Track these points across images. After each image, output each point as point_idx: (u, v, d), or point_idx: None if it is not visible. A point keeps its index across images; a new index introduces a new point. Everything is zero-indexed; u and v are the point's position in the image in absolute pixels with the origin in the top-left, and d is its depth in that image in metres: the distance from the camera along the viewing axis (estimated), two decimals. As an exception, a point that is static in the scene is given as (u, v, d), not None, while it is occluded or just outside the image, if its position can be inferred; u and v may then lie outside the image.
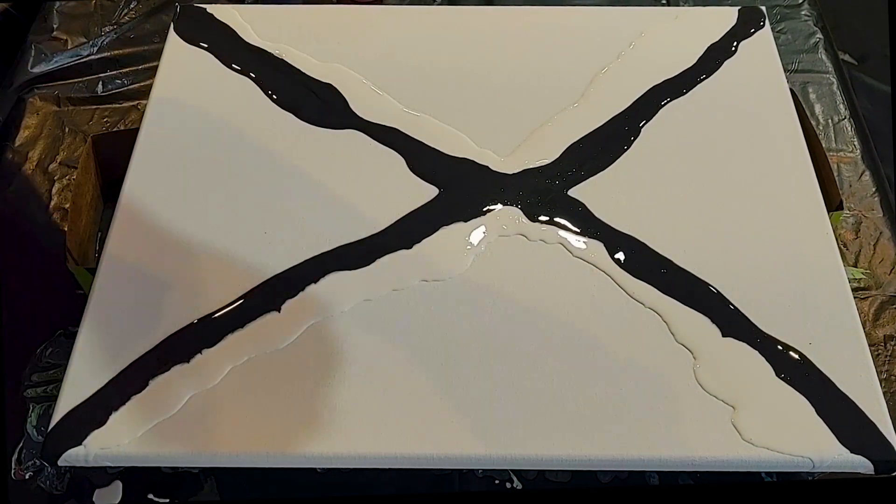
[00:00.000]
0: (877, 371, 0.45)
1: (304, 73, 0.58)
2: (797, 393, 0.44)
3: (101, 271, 0.48)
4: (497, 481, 0.48)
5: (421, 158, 0.54)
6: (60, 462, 0.42)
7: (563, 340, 0.45)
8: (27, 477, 0.48)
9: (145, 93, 0.61)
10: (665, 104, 0.57)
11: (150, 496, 0.47)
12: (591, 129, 0.55)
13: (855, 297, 0.48)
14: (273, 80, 0.58)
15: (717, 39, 0.60)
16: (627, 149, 0.54)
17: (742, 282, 0.48)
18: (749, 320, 0.46)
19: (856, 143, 0.64)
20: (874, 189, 0.61)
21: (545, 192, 0.52)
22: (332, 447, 0.42)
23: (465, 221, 0.50)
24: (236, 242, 0.49)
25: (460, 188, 0.52)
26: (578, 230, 0.50)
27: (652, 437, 0.42)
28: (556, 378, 0.44)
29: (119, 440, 0.42)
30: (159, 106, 0.56)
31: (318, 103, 0.56)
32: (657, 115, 0.56)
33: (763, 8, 0.62)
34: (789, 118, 0.56)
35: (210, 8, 0.62)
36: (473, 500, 0.48)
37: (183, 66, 0.58)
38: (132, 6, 0.72)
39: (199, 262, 0.48)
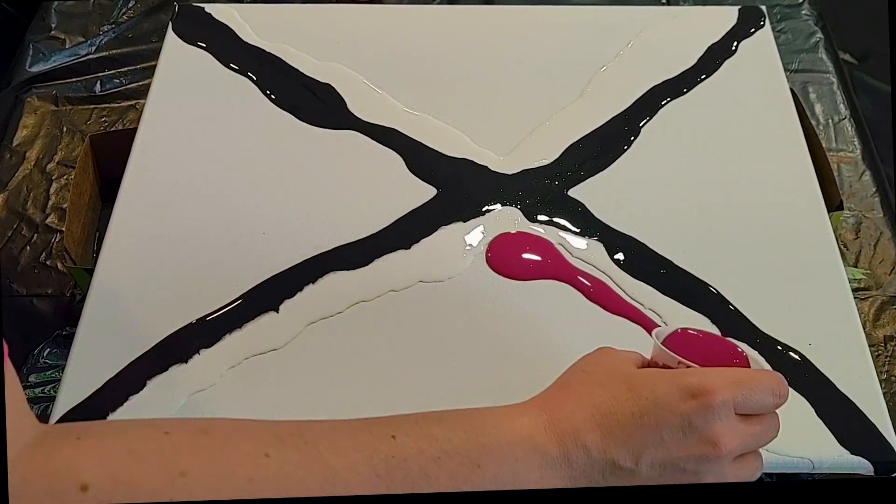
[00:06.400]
0: (877, 372, 0.45)
1: (302, 73, 0.58)
2: (797, 394, 0.44)
3: (99, 272, 0.48)
4: (496, 482, 0.47)
5: (419, 158, 0.53)
6: (58, 463, 0.42)
7: (562, 341, 0.45)
8: (25, 478, 0.48)
9: (143, 92, 0.61)
10: (665, 104, 0.56)
11: (148, 497, 0.47)
12: (590, 129, 0.55)
13: (855, 298, 0.48)
14: (271, 80, 0.57)
15: (717, 39, 0.60)
16: (627, 149, 0.54)
17: (742, 282, 0.48)
18: (749, 321, 0.46)
19: (856, 142, 0.63)
20: (874, 189, 0.61)
21: (544, 193, 0.52)
22: (331, 448, 0.42)
23: (464, 222, 0.50)
24: (234, 243, 0.49)
25: (459, 188, 0.52)
26: (578, 230, 0.50)
27: (651, 439, 0.42)
28: (555, 378, 0.44)
29: (117, 441, 0.42)
30: (157, 105, 0.56)
31: (316, 103, 0.56)
32: (657, 114, 0.56)
33: (763, 7, 0.62)
34: (789, 118, 0.56)
35: (208, 7, 0.62)
36: (473, 499, 0.48)
37: (181, 65, 0.58)
38: (130, 5, 0.72)
39: (197, 263, 0.48)
